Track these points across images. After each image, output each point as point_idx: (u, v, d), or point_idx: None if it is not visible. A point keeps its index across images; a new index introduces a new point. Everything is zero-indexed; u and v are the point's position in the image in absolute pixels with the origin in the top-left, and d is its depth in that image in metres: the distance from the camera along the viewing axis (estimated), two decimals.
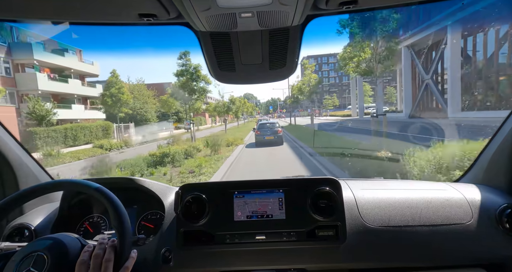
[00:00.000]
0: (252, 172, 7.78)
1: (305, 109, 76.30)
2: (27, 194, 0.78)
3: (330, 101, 59.67)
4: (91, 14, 0.75)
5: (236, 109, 27.21)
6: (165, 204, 1.18)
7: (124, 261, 0.74)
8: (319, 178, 1.13)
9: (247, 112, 47.74)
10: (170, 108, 20.94)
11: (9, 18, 0.77)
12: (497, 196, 1.15)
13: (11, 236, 1.14)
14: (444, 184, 1.28)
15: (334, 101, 59.38)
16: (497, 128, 1.26)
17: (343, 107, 61.89)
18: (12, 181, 1.27)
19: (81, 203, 1.26)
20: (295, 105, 33.85)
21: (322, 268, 1.11)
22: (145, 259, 1.05)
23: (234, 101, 26.31)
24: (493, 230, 1.06)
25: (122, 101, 19.60)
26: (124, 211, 0.78)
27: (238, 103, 28.12)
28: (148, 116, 24.55)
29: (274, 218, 1.09)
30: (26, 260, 0.70)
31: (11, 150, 1.26)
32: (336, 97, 60.60)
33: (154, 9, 0.71)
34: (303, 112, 79.94)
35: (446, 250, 1.04)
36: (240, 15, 0.71)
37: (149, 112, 24.49)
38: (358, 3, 0.71)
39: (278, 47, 0.88)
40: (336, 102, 59.28)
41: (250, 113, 54.28)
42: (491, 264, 1.08)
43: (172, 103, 19.79)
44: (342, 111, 49.23)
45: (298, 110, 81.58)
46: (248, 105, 41.36)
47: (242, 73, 1.02)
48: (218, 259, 1.08)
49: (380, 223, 1.08)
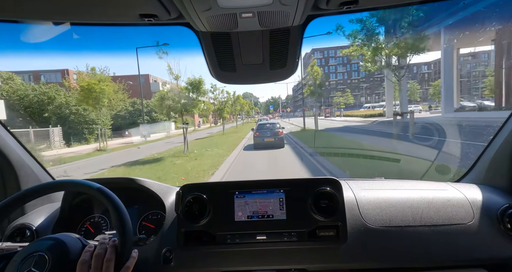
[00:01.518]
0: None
1: (311, 109, 69.15)
2: (28, 194, 0.78)
3: (341, 99, 51.43)
4: (92, 15, 0.76)
5: (221, 106, 21.84)
6: (166, 204, 1.18)
7: (125, 260, 0.74)
8: (320, 178, 1.13)
9: (242, 111, 41.45)
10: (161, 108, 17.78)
11: (10, 19, 0.78)
12: (498, 196, 1.15)
13: (12, 236, 1.14)
14: (445, 184, 1.27)
15: (348, 98, 50.31)
16: (499, 128, 1.26)
17: (358, 106, 54.34)
18: (13, 181, 1.27)
19: (82, 203, 1.27)
20: (308, 101, 30.65)
21: (322, 268, 1.11)
22: (146, 259, 1.06)
23: (225, 101, 21.42)
24: (495, 230, 1.06)
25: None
26: (125, 211, 0.78)
27: (229, 99, 23.37)
28: (91, 117, 18.31)
29: (274, 218, 1.09)
30: (27, 260, 0.70)
31: (13, 151, 1.27)
32: (350, 94, 52.18)
33: (155, 9, 0.71)
34: (308, 111, 72.82)
35: (447, 250, 1.04)
36: (240, 15, 0.71)
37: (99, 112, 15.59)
38: (358, 3, 0.72)
39: (278, 47, 0.88)
40: (350, 100, 50.37)
41: (247, 112, 46.70)
42: (493, 264, 1.08)
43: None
44: (357, 110, 43.38)
45: (302, 109, 78.62)
46: (242, 102, 34.56)
47: (243, 73, 1.02)
48: (219, 259, 1.08)
49: (381, 223, 1.08)
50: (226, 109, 22.24)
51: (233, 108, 28.14)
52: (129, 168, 8.90)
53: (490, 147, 1.28)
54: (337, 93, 52.93)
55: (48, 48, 22.55)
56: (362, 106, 49.87)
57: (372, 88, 70.72)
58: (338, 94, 52.91)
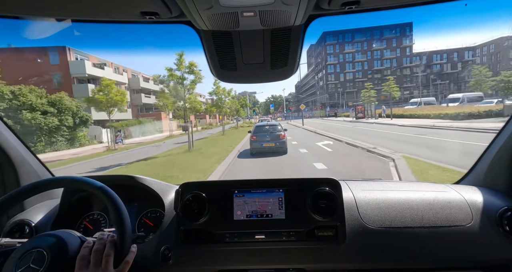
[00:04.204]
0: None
1: (323, 107, 57.40)
2: (28, 190, 0.79)
3: (372, 93, 33.01)
4: (93, 12, 0.75)
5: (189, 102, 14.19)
6: (165, 202, 1.18)
7: (124, 256, 0.74)
8: (319, 178, 1.13)
9: (231, 112, 31.52)
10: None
11: (11, 15, 0.77)
12: (497, 199, 1.15)
13: (11, 232, 1.14)
14: (445, 186, 1.28)
15: (392, 88, 31.38)
16: (499, 131, 1.26)
17: (402, 102, 40.19)
18: (13, 178, 1.27)
19: (82, 200, 1.27)
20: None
21: (321, 268, 1.11)
22: (145, 257, 1.06)
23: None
24: (493, 232, 1.06)
25: None
26: (124, 207, 0.78)
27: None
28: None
29: (273, 218, 1.09)
30: (26, 256, 0.70)
31: (13, 147, 1.27)
32: (393, 83, 32.17)
33: (156, 7, 0.71)
34: (319, 111, 57.57)
35: (445, 252, 1.04)
36: (242, 14, 0.71)
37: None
38: (360, 4, 0.71)
39: (280, 47, 0.88)
40: (395, 92, 31.67)
41: (236, 111, 33.58)
42: (491, 266, 1.08)
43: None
44: (402, 107, 31.79)
45: (313, 109, 59.65)
46: (226, 96, 24.08)
47: (244, 72, 1.01)
48: (217, 258, 1.08)
49: (380, 224, 1.08)
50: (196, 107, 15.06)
51: (220, 107, 22.63)
52: None
53: (490, 149, 1.28)
54: (368, 84, 36.69)
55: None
56: (408, 102, 37.11)
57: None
58: (369, 85, 36.26)
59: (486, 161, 1.28)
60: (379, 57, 59.59)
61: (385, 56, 59.01)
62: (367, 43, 59.68)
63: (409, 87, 56.73)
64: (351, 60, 60.11)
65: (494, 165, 1.24)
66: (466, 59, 54.85)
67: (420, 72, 55.78)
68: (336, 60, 60.72)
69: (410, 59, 58.09)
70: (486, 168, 1.27)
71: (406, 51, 58.31)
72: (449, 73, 55.40)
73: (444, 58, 56.86)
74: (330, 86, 61.30)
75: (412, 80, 57.27)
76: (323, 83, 63.29)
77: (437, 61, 57.23)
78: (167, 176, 7.11)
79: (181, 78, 13.23)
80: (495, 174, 1.24)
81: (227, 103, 24.25)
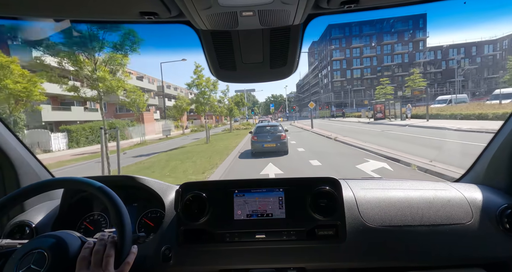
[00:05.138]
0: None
1: (329, 107, 50.45)
2: (28, 191, 0.79)
3: (388, 89, 29.70)
4: (92, 12, 0.75)
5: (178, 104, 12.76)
6: (166, 202, 1.19)
7: (125, 256, 0.74)
8: (319, 177, 1.13)
9: (221, 111, 25.09)
10: None
11: (9, 15, 0.77)
12: (497, 197, 1.15)
13: (12, 233, 1.14)
14: (445, 184, 1.28)
15: (419, 82, 27.99)
16: (498, 129, 1.26)
17: (424, 100, 28.95)
18: (13, 179, 1.27)
19: (82, 201, 1.27)
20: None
21: (321, 267, 1.11)
22: (145, 257, 1.06)
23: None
24: (493, 230, 1.06)
25: None
26: (124, 208, 0.78)
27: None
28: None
29: (274, 217, 1.09)
30: (27, 257, 0.70)
31: (13, 148, 1.27)
32: (419, 77, 29.23)
33: (155, 7, 0.70)
34: (324, 111, 51.11)
35: (446, 250, 1.04)
36: (241, 14, 0.71)
37: None
38: (359, 3, 0.71)
39: (279, 46, 0.88)
40: (421, 87, 27.24)
41: (230, 111, 26.32)
42: (491, 264, 1.08)
43: None
44: (426, 105, 21.42)
45: (318, 108, 51.28)
46: (212, 89, 17.45)
47: (243, 72, 1.01)
48: (218, 258, 1.09)
49: (380, 222, 1.08)
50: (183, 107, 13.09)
51: (202, 104, 17.28)
52: None
53: (490, 147, 1.28)
54: (384, 80, 33.06)
55: None
56: (435, 100, 31.19)
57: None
58: (385, 80, 32.88)
59: (486, 159, 1.28)
60: (389, 52, 53.95)
61: (396, 50, 53.70)
62: (376, 36, 53.88)
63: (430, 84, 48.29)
64: (359, 55, 54.48)
65: (493, 163, 1.24)
66: (486, 54, 50.01)
67: (443, 67, 51.59)
68: (343, 55, 54.81)
69: (423, 54, 53.19)
70: (486, 166, 1.27)
71: (419, 45, 53.02)
72: (472, 69, 49.70)
73: (461, 53, 51.18)
74: (335, 84, 55.92)
75: (427, 77, 49.83)
76: (327, 80, 58.10)
77: (452, 56, 51.52)
78: None
79: None
80: (495, 172, 1.24)
81: (212, 99, 18.38)
